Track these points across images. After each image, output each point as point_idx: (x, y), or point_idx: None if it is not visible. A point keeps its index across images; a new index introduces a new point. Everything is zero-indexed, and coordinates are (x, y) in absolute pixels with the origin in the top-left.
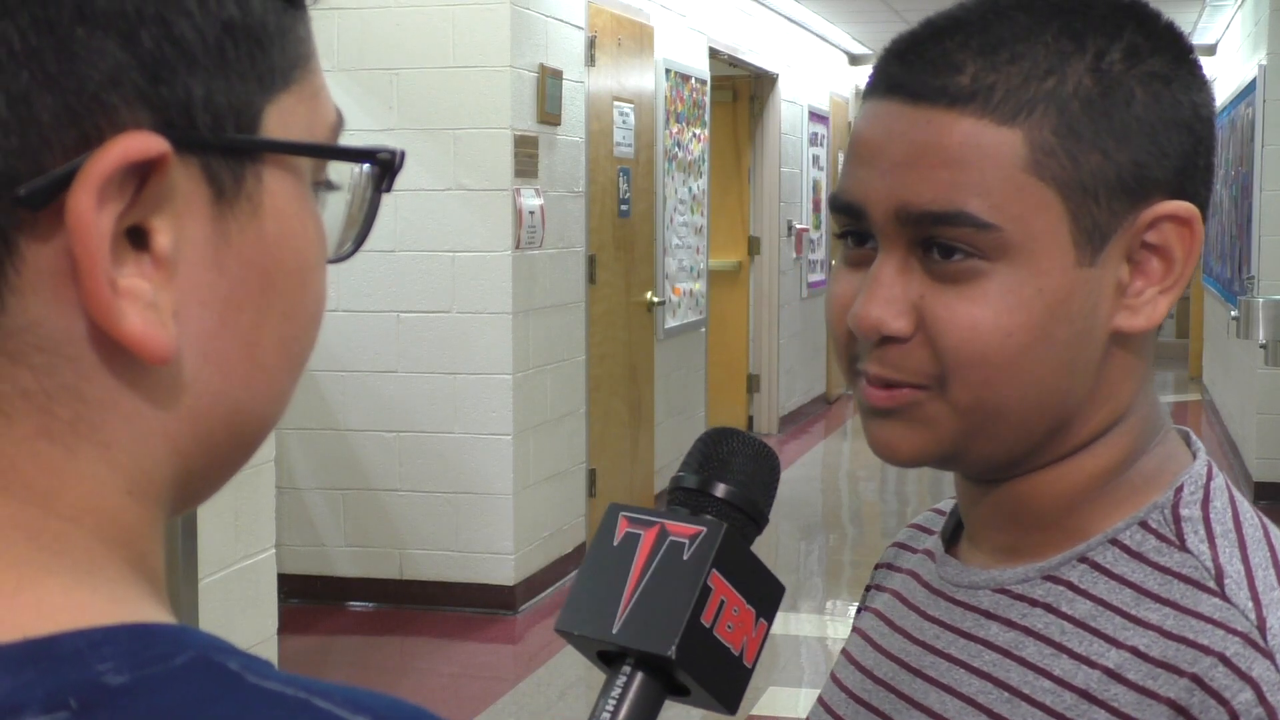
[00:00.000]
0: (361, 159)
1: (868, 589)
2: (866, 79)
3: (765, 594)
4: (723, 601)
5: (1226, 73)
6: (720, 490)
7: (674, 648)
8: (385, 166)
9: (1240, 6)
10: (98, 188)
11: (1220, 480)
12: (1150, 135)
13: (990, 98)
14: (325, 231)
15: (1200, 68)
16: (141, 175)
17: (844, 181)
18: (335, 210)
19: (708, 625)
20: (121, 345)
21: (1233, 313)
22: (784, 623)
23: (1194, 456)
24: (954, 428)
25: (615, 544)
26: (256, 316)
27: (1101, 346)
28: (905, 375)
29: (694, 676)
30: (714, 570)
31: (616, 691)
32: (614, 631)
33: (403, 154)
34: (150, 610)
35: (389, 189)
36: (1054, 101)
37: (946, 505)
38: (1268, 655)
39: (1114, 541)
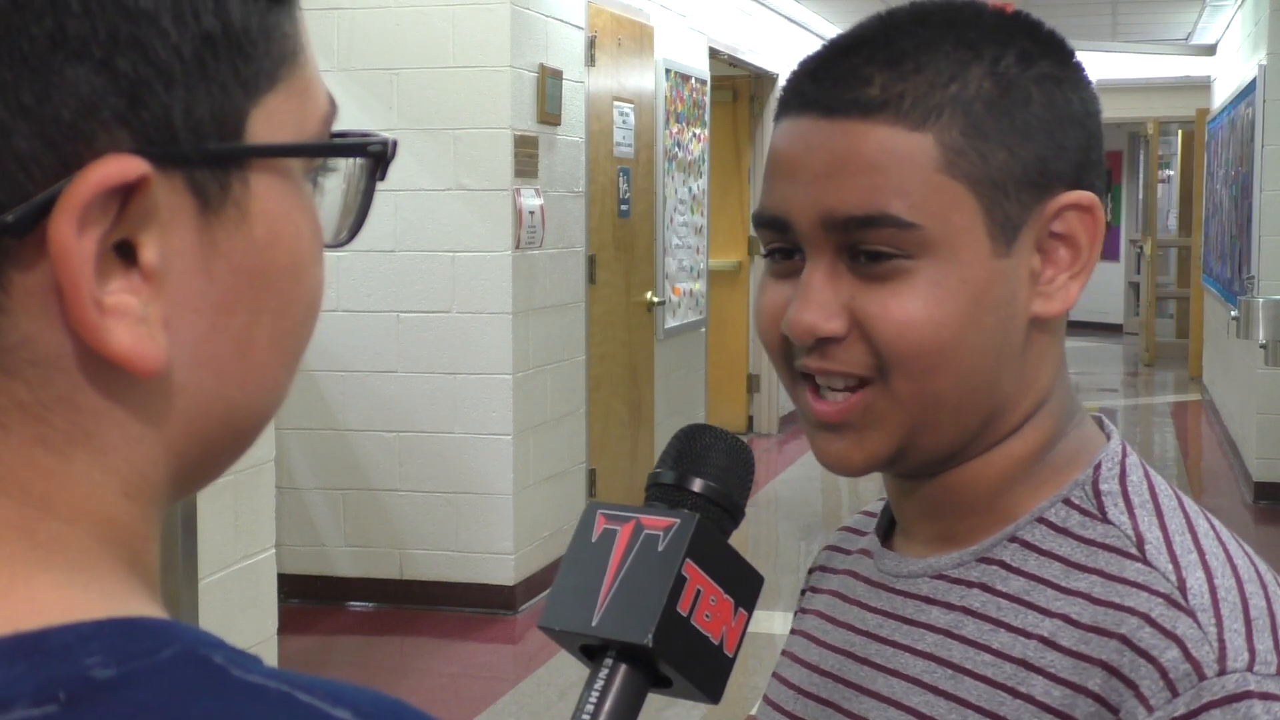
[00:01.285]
0: (352, 153)
1: (803, 592)
2: (779, 98)
3: (743, 584)
4: (699, 591)
5: (1226, 73)
6: (697, 485)
7: (650, 636)
8: (378, 157)
9: (1240, 6)
10: (78, 214)
11: (1135, 458)
12: (1049, 131)
13: (900, 105)
14: (321, 222)
15: (1084, 69)
16: (124, 195)
17: (766, 198)
18: (331, 199)
19: (685, 614)
20: (111, 362)
21: (1233, 313)
22: (784, 622)
23: (1108, 438)
24: (899, 423)
25: (593, 540)
26: (249, 317)
27: (1023, 332)
28: (846, 366)
29: (673, 665)
30: (688, 560)
31: (599, 684)
32: (593, 624)
33: (394, 143)
34: (141, 606)
35: (383, 178)
36: (959, 105)
37: (875, 507)
38: (1189, 613)
39: (1041, 520)
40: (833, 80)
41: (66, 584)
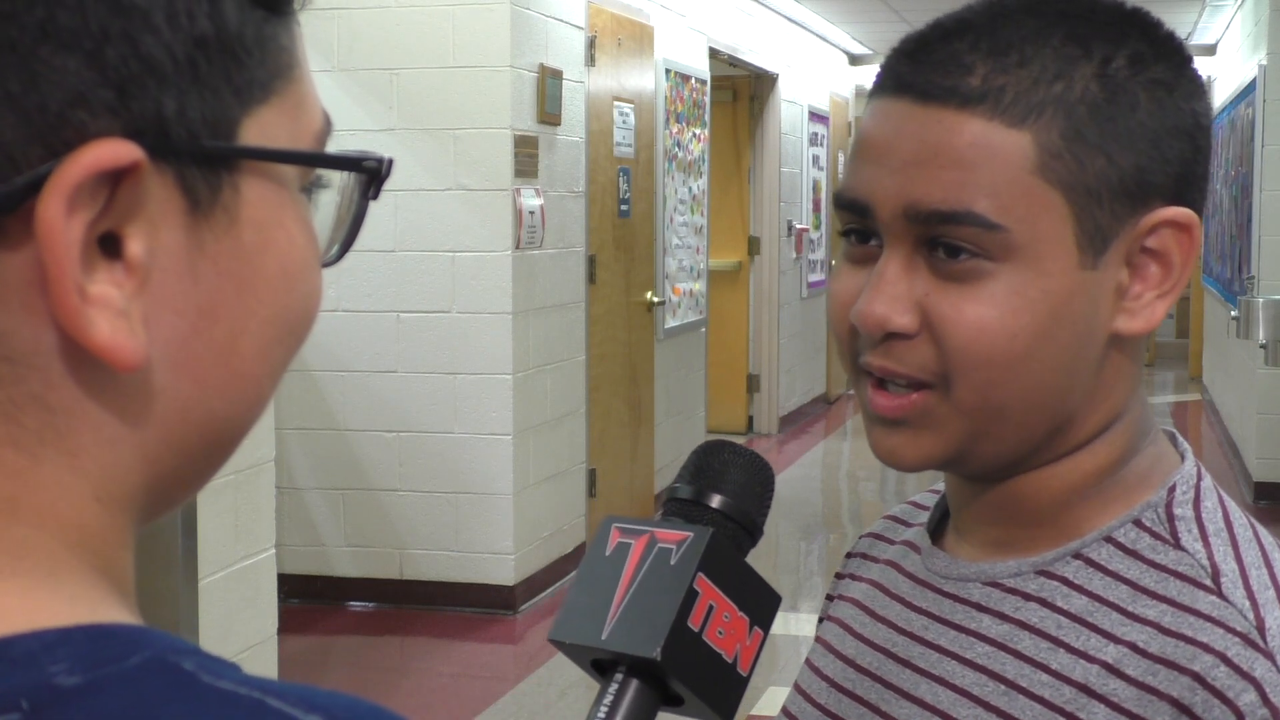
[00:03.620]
0: (346, 167)
1: (839, 577)
2: (873, 78)
3: (759, 602)
4: (712, 606)
5: (1226, 73)
6: (715, 501)
7: (658, 649)
8: (372, 174)
9: (1240, 6)
10: (68, 195)
11: (1209, 481)
12: (1153, 141)
13: (1000, 100)
14: (316, 235)
15: (1200, 77)
16: (114, 182)
17: (850, 179)
18: (324, 215)
19: (696, 629)
20: (90, 353)
21: (1233, 313)
22: (784, 623)
23: (1182, 457)
24: (959, 430)
25: (607, 554)
26: (234, 324)
27: (1100, 348)
28: (909, 369)
29: (683, 681)
30: (700, 574)
31: (608, 699)
32: (603, 638)
33: (390, 162)
34: (111, 612)
35: (376, 196)
36: (1062, 105)
37: (924, 499)
38: (1268, 656)
39: (1108, 539)
40: (932, 64)
41: (33, 590)
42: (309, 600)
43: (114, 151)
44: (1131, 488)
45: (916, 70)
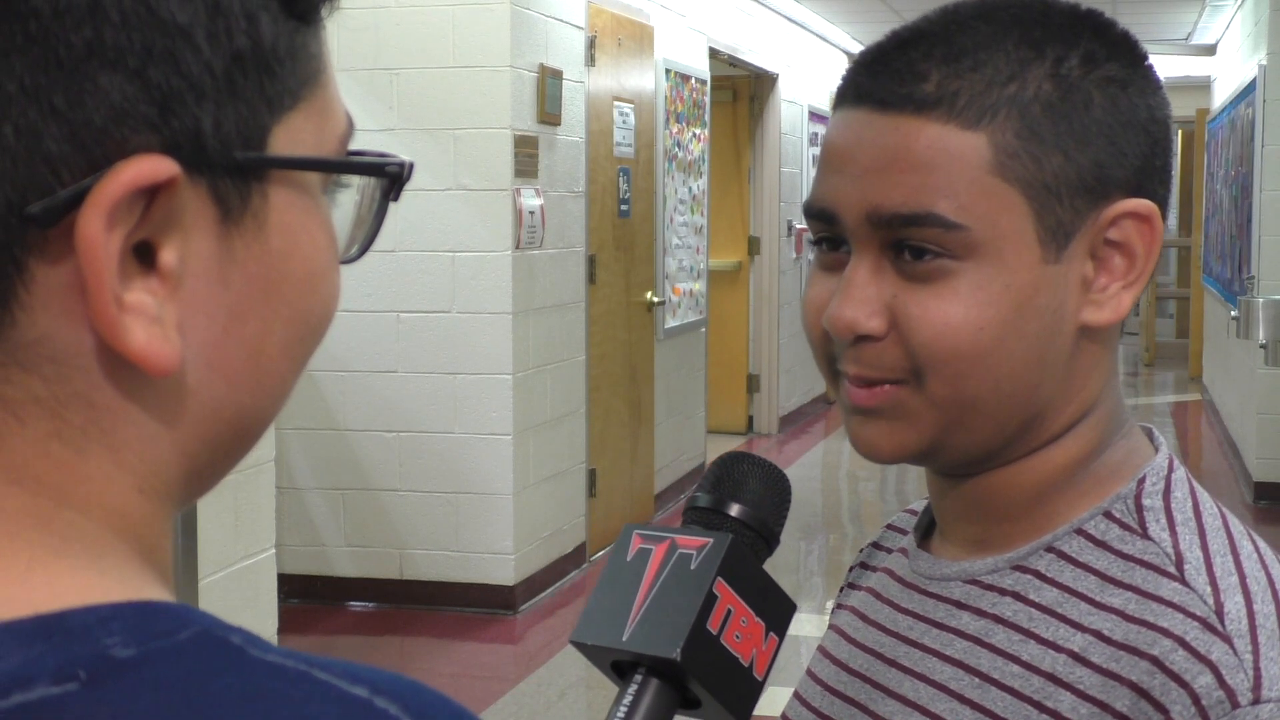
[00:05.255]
0: (370, 172)
1: (843, 588)
2: (836, 88)
3: (775, 609)
4: (730, 611)
5: (1226, 73)
6: (734, 510)
7: (678, 650)
8: (394, 178)
9: (1240, 6)
10: (107, 211)
11: (1181, 473)
12: (1109, 137)
13: (955, 103)
14: (336, 235)
15: (1155, 73)
16: (150, 196)
17: (817, 189)
18: (344, 213)
19: (714, 632)
20: (127, 359)
21: (1233, 313)
22: None
23: (1156, 451)
24: (933, 422)
25: (628, 560)
26: (261, 325)
27: (1070, 340)
28: (882, 372)
29: (701, 683)
30: (719, 578)
31: (628, 699)
32: (623, 639)
33: (411, 165)
34: (157, 593)
35: (397, 199)
36: (1016, 106)
37: (919, 505)
38: (1225, 639)
39: (1079, 531)
40: (889, 74)
41: (84, 569)
42: (309, 600)
43: (153, 168)
44: (1103, 480)
45: (875, 80)
